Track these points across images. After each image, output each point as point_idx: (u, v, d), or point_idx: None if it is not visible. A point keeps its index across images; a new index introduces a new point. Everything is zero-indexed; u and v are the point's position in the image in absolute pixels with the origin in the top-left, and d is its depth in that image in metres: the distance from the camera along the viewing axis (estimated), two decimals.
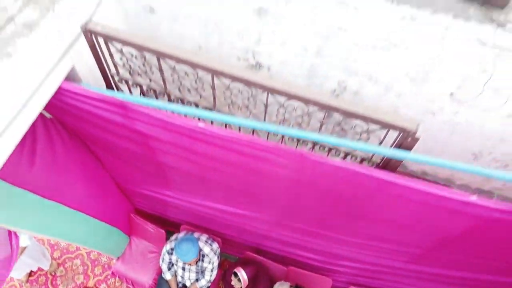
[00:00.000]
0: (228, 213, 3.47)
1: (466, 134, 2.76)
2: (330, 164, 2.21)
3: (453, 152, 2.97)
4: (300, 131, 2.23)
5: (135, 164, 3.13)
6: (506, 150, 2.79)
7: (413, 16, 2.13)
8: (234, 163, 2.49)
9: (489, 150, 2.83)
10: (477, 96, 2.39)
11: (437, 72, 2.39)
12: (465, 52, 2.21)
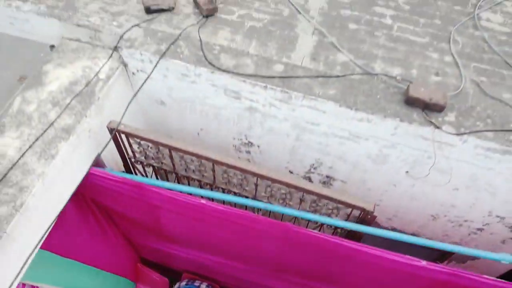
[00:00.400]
0: (225, 265, 3.96)
1: (423, 201, 3.31)
2: (308, 234, 2.76)
3: (415, 213, 3.52)
4: (282, 208, 2.78)
5: (146, 227, 3.65)
6: (458, 213, 3.34)
7: (369, 119, 2.72)
8: (230, 231, 3.02)
9: (444, 213, 3.38)
10: (426, 176, 2.95)
11: (393, 157, 2.97)
12: (413, 143, 2.79)
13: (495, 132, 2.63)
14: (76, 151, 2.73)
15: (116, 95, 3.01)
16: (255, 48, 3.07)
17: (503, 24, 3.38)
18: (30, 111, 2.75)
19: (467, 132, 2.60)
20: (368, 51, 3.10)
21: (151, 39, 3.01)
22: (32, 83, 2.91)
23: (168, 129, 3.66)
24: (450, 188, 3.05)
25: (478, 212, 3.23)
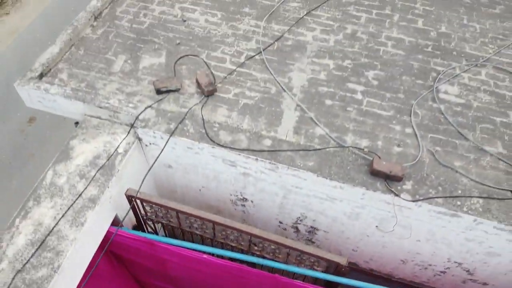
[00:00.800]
0: None
1: (393, 249, 3.88)
2: (294, 284, 3.31)
3: (387, 258, 4.07)
4: (272, 262, 3.34)
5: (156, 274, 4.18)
6: (423, 259, 3.90)
7: (341, 187, 3.31)
8: (228, 281, 3.57)
9: (411, 258, 3.94)
10: (392, 231, 3.52)
11: (364, 214, 3.54)
12: (378, 206, 3.37)
13: (444, 198, 3.22)
14: (100, 216, 3.29)
15: (132, 165, 3.59)
16: (248, 123, 3.68)
17: (458, 96, 4.02)
18: (61, 183, 3.32)
19: (421, 199, 3.19)
20: (341, 124, 3.72)
21: (162, 119, 3.61)
22: (61, 158, 3.50)
23: (174, 185, 4.23)
24: (414, 240, 3.62)
25: (439, 258, 3.78)
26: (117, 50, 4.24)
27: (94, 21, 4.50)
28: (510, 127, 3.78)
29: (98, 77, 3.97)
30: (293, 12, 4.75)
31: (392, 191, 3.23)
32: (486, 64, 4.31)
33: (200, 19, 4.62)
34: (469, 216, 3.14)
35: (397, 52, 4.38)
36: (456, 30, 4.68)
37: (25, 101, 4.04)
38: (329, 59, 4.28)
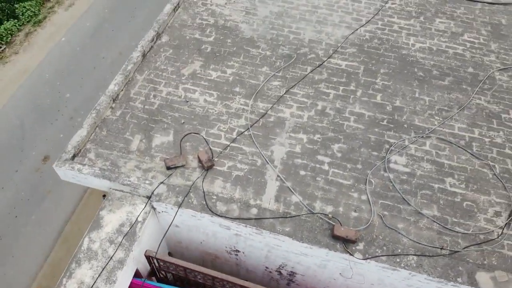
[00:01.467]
0: None
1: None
2: None
3: None
4: None
5: None
6: None
7: (311, 247, 4.34)
8: None
9: None
10: (351, 277, 4.56)
11: (329, 265, 4.58)
12: (339, 261, 4.41)
13: (387, 256, 4.26)
14: (126, 273, 4.30)
15: (149, 230, 4.61)
16: (239, 193, 4.71)
17: (405, 166, 5.07)
18: (95, 248, 4.32)
19: (369, 257, 4.23)
20: (312, 193, 4.76)
21: (172, 193, 4.63)
22: (94, 226, 4.50)
23: (180, 239, 5.24)
24: (369, 284, 4.66)
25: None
26: (133, 130, 5.26)
27: (113, 103, 5.51)
28: (445, 193, 4.84)
29: (120, 155, 4.99)
30: (275, 91, 5.80)
31: (348, 251, 4.27)
32: (430, 135, 5.38)
33: (200, 99, 5.65)
34: (405, 270, 4.18)
35: (358, 126, 5.44)
36: (409, 103, 5.75)
37: (60, 176, 5.00)
38: (303, 133, 5.33)
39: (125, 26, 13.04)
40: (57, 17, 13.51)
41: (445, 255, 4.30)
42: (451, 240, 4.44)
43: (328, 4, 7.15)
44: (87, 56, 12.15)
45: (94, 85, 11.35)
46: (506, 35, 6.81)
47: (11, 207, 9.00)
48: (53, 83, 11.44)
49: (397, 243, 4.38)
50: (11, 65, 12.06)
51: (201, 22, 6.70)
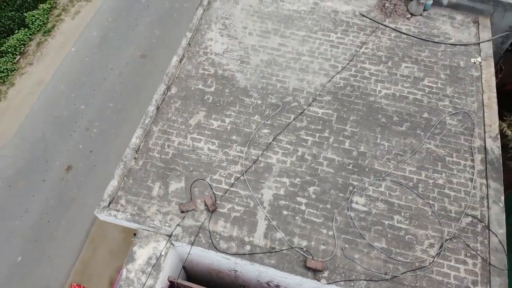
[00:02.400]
0: None
1: None
2: None
3: None
4: None
5: None
6: None
7: (289, 276, 5.94)
8: None
9: None
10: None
11: (305, 284, 6.20)
12: (310, 285, 6.03)
13: (344, 281, 5.87)
14: None
15: (169, 260, 6.19)
16: (236, 231, 6.26)
17: (364, 205, 6.59)
18: (132, 277, 5.91)
19: (331, 282, 5.84)
20: (291, 230, 6.31)
21: (185, 233, 6.16)
22: (129, 259, 6.06)
23: (191, 260, 6.84)
24: None
25: None
26: (153, 178, 6.71)
27: (135, 154, 6.93)
28: (392, 228, 6.39)
29: (144, 201, 6.48)
30: (264, 138, 7.20)
31: (316, 279, 5.87)
32: (386, 178, 6.85)
33: (204, 148, 7.06)
34: None
35: (329, 170, 6.90)
36: (371, 148, 7.17)
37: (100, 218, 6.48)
38: (286, 177, 6.80)
39: (129, 35, 14.06)
40: (65, 26, 14.47)
41: (387, 279, 5.91)
42: (393, 267, 6.04)
43: (310, 51, 8.36)
44: (96, 66, 13.29)
45: (105, 96, 12.60)
46: (462, 78, 8.10)
47: (43, 213, 10.58)
48: (68, 95, 12.68)
49: (352, 271, 5.98)
50: (27, 76, 13.23)
51: (203, 72, 7.95)
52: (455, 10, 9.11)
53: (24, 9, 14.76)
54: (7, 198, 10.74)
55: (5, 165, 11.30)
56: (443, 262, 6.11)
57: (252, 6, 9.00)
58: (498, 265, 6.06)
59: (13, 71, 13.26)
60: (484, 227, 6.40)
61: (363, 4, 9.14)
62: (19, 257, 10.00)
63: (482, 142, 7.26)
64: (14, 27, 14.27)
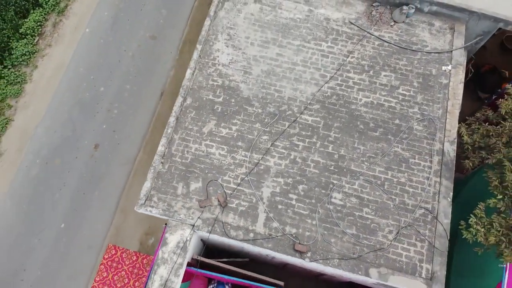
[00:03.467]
0: None
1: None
2: None
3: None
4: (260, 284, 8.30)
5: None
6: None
7: (282, 255, 8.05)
8: None
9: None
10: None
11: (297, 262, 8.35)
12: (299, 262, 8.16)
13: (323, 260, 7.98)
14: (183, 269, 8.07)
15: (193, 243, 8.26)
16: (242, 222, 8.26)
17: (340, 200, 8.52)
18: (165, 257, 8.02)
19: (313, 260, 7.95)
20: (284, 220, 8.30)
21: (204, 224, 8.16)
22: (163, 243, 8.14)
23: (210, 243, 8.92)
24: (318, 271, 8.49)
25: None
26: (177, 179, 8.57)
27: (162, 159, 8.71)
28: (361, 218, 8.37)
29: (172, 199, 8.40)
30: (264, 144, 8.91)
31: (302, 258, 7.97)
32: (359, 177, 8.69)
33: (216, 153, 8.82)
34: (331, 267, 7.94)
35: (315, 171, 8.71)
36: (349, 152, 8.91)
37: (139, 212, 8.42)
38: (281, 178, 8.64)
39: (138, 15, 15.00)
40: (77, 6, 15.35)
41: (354, 258, 8.02)
42: (360, 249, 8.12)
43: (304, 61, 9.72)
44: (111, 49, 14.48)
45: (122, 78, 13.99)
46: (432, 86, 9.56)
47: (78, 187, 12.62)
48: (88, 77, 14.08)
49: (329, 251, 8.07)
50: (48, 58, 14.49)
51: (212, 83, 9.43)
52: (435, 16, 10.24)
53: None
54: (47, 174, 12.71)
55: (41, 145, 13.11)
56: (398, 244, 8.17)
57: (253, 15, 10.16)
58: (440, 248, 8.12)
59: (34, 53, 14.48)
60: (433, 217, 8.37)
61: (353, 11, 10.27)
62: (62, 223, 12.22)
63: (441, 145, 8.96)
64: (29, 7, 15.16)
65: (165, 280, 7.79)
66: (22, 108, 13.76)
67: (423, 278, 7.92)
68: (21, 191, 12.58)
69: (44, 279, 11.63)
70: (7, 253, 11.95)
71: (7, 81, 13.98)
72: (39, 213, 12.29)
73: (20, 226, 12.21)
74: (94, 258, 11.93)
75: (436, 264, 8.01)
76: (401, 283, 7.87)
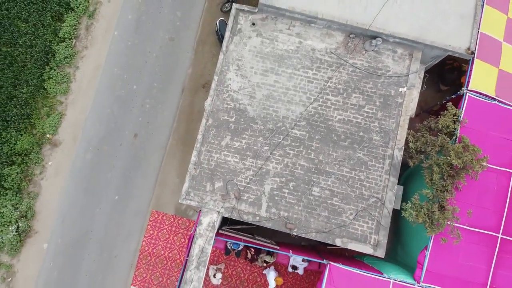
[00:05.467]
0: None
1: None
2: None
3: None
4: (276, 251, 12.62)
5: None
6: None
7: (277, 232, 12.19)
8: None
9: None
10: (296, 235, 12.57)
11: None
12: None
13: (304, 233, 12.11)
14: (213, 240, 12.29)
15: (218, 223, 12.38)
16: (251, 208, 12.29)
17: (317, 192, 12.45)
18: (202, 232, 12.19)
19: (298, 235, 12.09)
20: (279, 207, 12.32)
21: (226, 211, 12.19)
22: (199, 224, 12.27)
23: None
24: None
25: None
26: (205, 180, 12.43)
27: (194, 166, 12.48)
28: (332, 205, 12.33)
29: (203, 193, 12.35)
30: (265, 153, 12.60)
31: (291, 232, 12.11)
32: (332, 176, 12.49)
33: (231, 161, 12.55)
34: (310, 238, 12.11)
35: (301, 172, 12.51)
36: (325, 158, 12.61)
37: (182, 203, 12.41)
38: (277, 178, 12.47)
39: (157, 18, 17.64)
40: (104, 9, 17.91)
41: (325, 232, 12.15)
42: (330, 225, 12.22)
43: (294, 86, 12.96)
44: (137, 50, 17.40)
45: (150, 77, 17.16)
46: (390, 105, 12.90)
47: (125, 169, 16.57)
48: (122, 77, 17.25)
49: (309, 228, 12.18)
50: (86, 60, 17.52)
51: (227, 106, 12.82)
52: (398, 44, 13.18)
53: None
54: (99, 158, 16.59)
55: (91, 135, 16.80)
56: (356, 223, 12.23)
57: (256, 47, 13.17)
58: (384, 224, 12.18)
59: (74, 55, 17.48)
60: (381, 204, 12.32)
61: (333, 41, 13.21)
62: (116, 196, 16.40)
63: (392, 151, 12.60)
64: (62, 11, 17.74)
65: (201, 248, 12.03)
66: (71, 104, 17.19)
67: (371, 244, 12.11)
68: (80, 172, 16.58)
69: (107, 237, 16.13)
70: (76, 221, 16.31)
71: (55, 81, 17.19)
72: (97, 189, 16.41)
73: (83, 200, 16.42)
74: (142, 221, 16.30)
75: (381, 235, 12.14)
76: (356, 247, 12.08)
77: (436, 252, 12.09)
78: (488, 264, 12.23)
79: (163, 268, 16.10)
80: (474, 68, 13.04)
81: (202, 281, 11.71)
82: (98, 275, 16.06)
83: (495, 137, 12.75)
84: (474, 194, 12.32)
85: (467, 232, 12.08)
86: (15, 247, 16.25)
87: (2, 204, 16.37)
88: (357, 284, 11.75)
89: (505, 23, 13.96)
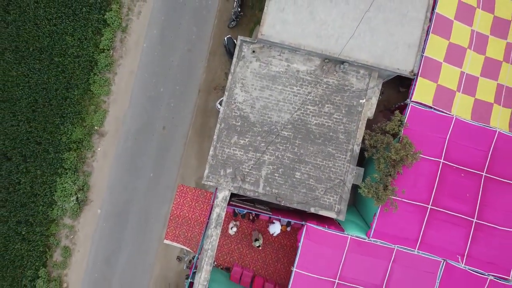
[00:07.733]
0: None
1: None
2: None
3: None
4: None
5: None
6: None
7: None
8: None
9: None
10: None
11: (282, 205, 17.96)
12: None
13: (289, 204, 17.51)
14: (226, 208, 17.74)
15: (229, 197, 17.77)
16: (252, 188, 17.66)
17: (299, 176, 17.75)
18: (219, 202, 17.63)
19: (285, 204, 17.50)
20: (272, 186, 17.66)
21: (235, 189, 17.55)
22: (215, 197, 17.66)
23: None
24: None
25: None
26: (220, 168, 17.66)
27: (212, 158, 17.68)
28: (309, 184, 17.64)
29: (218, 177, 17.64)
30: (262, 148, 17.74)
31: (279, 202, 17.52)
32: (309, 164, 17.70)
33: (238, 154, 17.70)
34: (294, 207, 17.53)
35: (288, 162, 17.68)
36: (305, 152, 17.74)
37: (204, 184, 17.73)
38: (271, 166, 17.69)
39: (177, 32, 22.07)
40: (134, 25, 22.33)
41: (304, 203, 17.55)
42: (307, 198, 17.59)
43: (283, 98, 17.82)
44: (162, 59, 22.02)
45: (173, 82, 21.94)
46: (352, 112, 17.82)
47: (157, 153, 21.80)
48: (151, 81, 22.02)
49: (292, 200, 17.54)
50: (122, 67, 22.21)
51: (234, 114, 17.79)
52: (361, 66, 17.85)
53: (102, 11, 22.19)
54: (137, 145, 21.78)
55: (129, 127, 21.88)
56: (325, 196, 17.58)
57: (255, 69, 17.92)
58: (345, 198, 17.52)
59: (112, 64, 22.17)
60: (343, 184, 17.59)
61: (313, 64, 17.91)
62: (151, 173, 21.77)
63: (352, 146, 17.70)
64: (100, 26, 22.19)
65: (218, 214, 17.49)
66: (113, 103, 22.12)
67: (335, 212, 17.55)
68: (122, 156, 21.84)
69: (145, 205, 21.68)
70: (121, 192, 21.78)
71: (99, 84, 22.01)
72: (136, 168, 21.74)
73: (125, 177, 21.79)
74: (171, 192, 21.78)
75: (342, 205, 17.53)
76: (325, 213, 17.52)
77: (382, 217, 17.52)
78: (420, 226, 17.68)
79: (187, 226, 21.76)
80: (417, 84, 17.81)
81: (218, 236, 17.28)
82: (140, 232, 21.79)
83: (430, 136, 17.76)
84: (412, 177, 17.53)
85: (404, 204, 17.42)
86: (75, 213, 21.85)
87: (64, 181, 21.77)
88: (325, 238, 17.31)
89: (446, 47, 18.50)
